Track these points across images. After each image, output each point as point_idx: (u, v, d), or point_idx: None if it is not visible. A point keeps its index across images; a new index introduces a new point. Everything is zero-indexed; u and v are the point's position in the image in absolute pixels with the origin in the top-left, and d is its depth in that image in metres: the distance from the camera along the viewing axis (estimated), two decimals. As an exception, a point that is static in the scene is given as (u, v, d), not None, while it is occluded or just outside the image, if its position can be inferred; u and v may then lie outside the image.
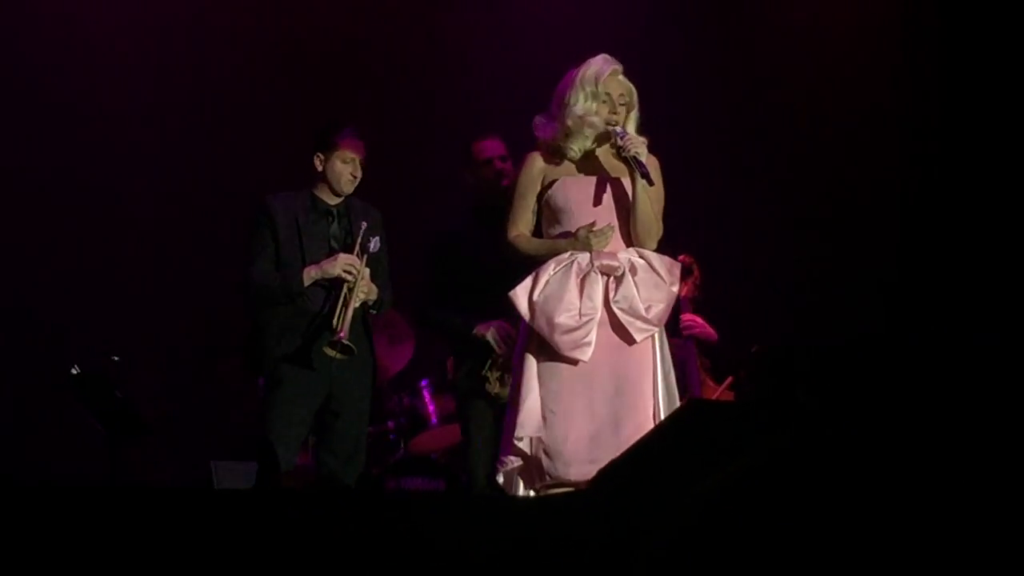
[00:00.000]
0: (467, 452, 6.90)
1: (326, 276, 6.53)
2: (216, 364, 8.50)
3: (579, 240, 6.05)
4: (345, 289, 6.50)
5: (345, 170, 6.60)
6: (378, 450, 8.33)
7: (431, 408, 8.41)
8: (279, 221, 6.59)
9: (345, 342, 6.40)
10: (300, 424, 6.53)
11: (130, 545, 4.10)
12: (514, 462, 6.01)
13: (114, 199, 9.23)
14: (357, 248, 6.56)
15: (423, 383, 8.48)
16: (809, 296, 9.55)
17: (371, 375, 6.69)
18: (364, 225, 6.60)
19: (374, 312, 6.69)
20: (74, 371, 7.68)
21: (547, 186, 6.18)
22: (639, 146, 6.05)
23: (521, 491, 6.00)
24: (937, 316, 9.34)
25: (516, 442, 5.95)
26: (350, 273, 6.50)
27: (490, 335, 6.70)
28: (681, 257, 7.97)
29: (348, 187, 6.62)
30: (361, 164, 6.62)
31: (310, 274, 6.52)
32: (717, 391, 8.12)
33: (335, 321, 6.46)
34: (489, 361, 6.72)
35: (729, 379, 8.25)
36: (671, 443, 4.49)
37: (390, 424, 8.38)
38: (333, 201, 6.66)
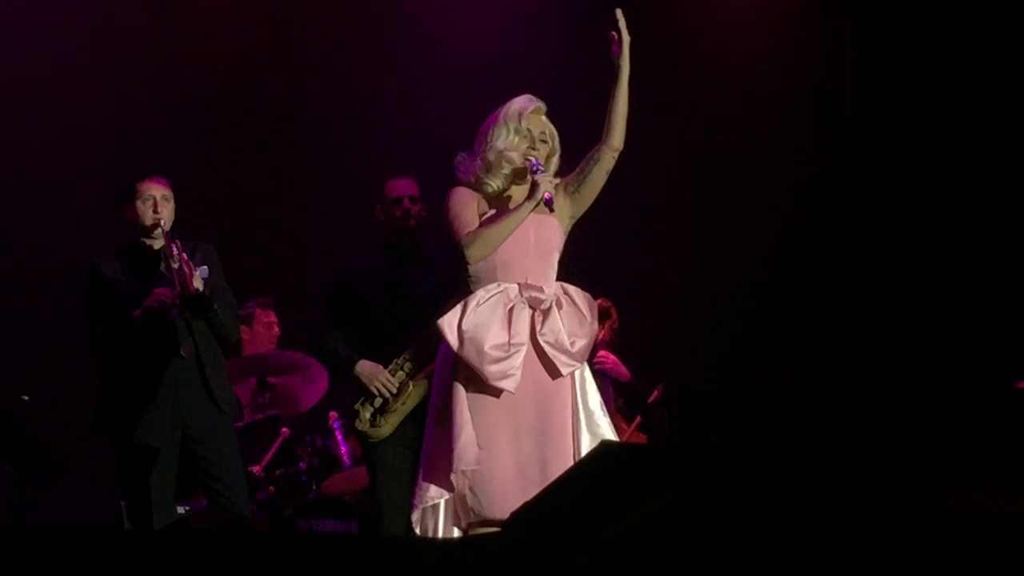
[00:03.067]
0: (373, 491, 6.89)
1: (149, 312, 6.46)
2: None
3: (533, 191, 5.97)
4: (173, 262, 6.39)
5: (146, 208, 6.59)
6: (290, 491, 8.29)
7: (344, 449, 8.39)
8: (109, 277, 6.61)
9: (198, 293, 6.32)
10: (169, 485, 6.59)
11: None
12: (434, 497, 5.97)
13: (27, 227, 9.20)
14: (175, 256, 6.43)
15: (336, 424, 8.45)
16: (725, 343, 9.61)
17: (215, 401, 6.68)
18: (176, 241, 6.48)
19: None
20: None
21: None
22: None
23: (440, 527, 5.96)
24: (854, 365, 9.43)
25: (451, 476, 5.89)
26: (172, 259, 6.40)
27: (360, 372, 6.67)
28: (599, 301, 8.05)
29: (153, 223, 6.60)
30: (166, 199, 6.61)
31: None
32: (627, 431, 8.17)
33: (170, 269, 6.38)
34: (363, 397, 6.70)
35: (638, 419, 8.30)
36: (584, 485, 4.49)
37: (302, 465, 8.34)
38: (158, 245, 6.65)
